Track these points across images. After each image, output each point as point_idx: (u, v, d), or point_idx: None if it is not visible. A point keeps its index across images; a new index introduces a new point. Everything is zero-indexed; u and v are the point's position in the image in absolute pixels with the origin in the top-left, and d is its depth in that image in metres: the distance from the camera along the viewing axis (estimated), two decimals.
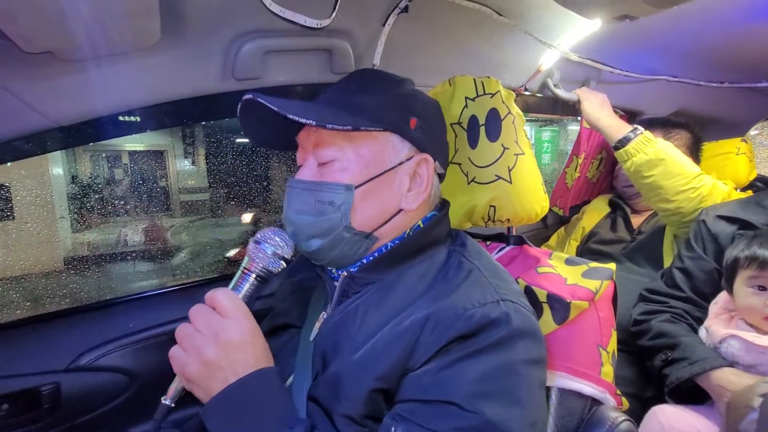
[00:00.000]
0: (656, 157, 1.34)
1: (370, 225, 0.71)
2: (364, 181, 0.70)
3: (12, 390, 1.01)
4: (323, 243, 0.70)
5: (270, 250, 0.69)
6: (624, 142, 1.38)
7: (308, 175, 0.72)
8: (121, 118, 0.97)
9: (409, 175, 0.74)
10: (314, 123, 0.65)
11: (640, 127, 1.39)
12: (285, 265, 0.71)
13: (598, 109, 1.47)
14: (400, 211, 0.73)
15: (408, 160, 0.73)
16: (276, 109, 0.65)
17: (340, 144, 0.70)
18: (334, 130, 0.68)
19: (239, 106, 0.71)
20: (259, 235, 0.71)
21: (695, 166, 1.37)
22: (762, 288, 1.05)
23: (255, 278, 0.69)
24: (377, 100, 0.73)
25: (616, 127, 1.41)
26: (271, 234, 0.71)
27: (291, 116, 0.64)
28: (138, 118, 0.99)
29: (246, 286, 0.68)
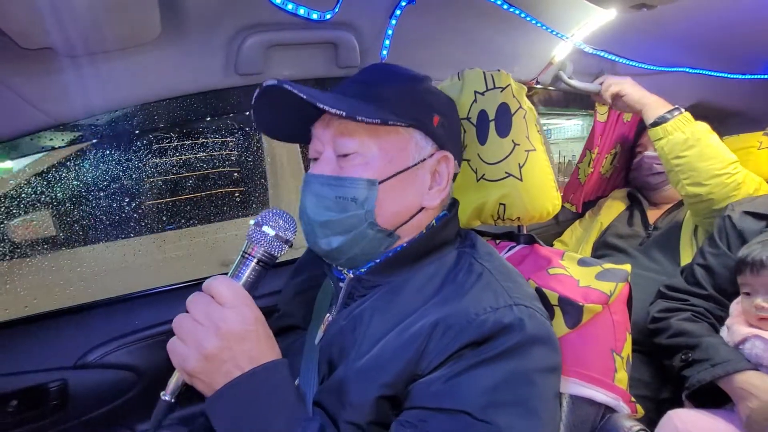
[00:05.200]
0: (693, 136, 1.31)
1: (394, 222, 0.69)
2: (388, 177, 0.68)
3: (20, 387, 1.01)
4: (344, 240, 0.68)
5: (272, 233, 0.64)
6: (664, 119, 1.35)
7: (327, 169, 0.68)
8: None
9: (430, 172, 0.72)
10: (344, 113, 0.62)
11: (681, 107, 1.36)
12: (288, 248, 0.67)
13: (639, 89, 1.43)
14: (422, 209, 0.72)
15: (430, 157, 0.72)
16: (305, 96, 0.61)
17: (363, 137, 0.67)
18: (363, 122, 0.64)
19: (256, 93, 0.66)
20: (259, 217, 0.65)
21: (731, 153, 1.33)
22: (747, 294, 1.06)
23: (257, 263, 0.63)
24: (401, 95, 0.70)
25: (661, 103, 1.39)
26: (273, 215, 0.66)
27: (321, 105, 0.61)
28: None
29: (247, 272, 0.63)
